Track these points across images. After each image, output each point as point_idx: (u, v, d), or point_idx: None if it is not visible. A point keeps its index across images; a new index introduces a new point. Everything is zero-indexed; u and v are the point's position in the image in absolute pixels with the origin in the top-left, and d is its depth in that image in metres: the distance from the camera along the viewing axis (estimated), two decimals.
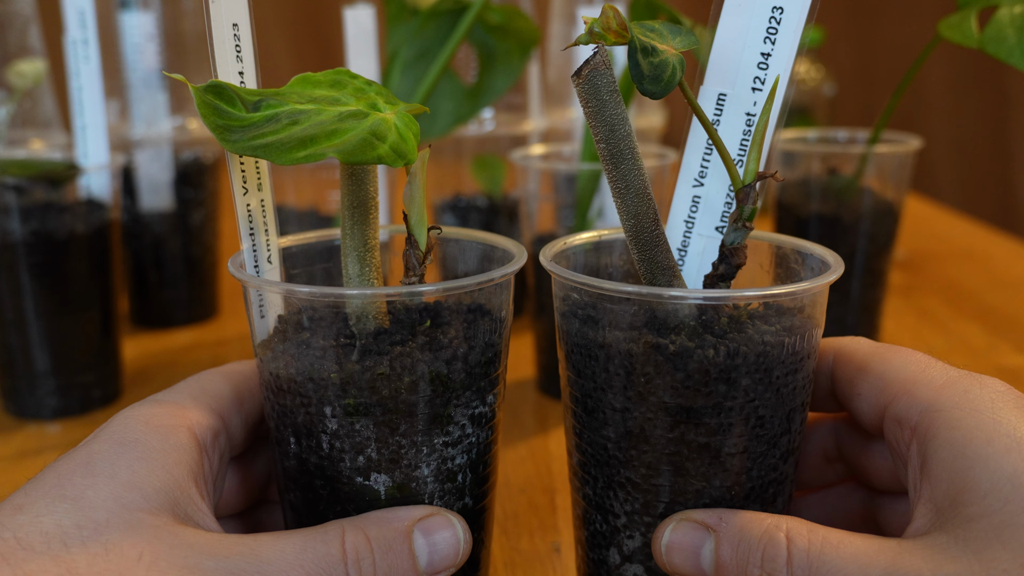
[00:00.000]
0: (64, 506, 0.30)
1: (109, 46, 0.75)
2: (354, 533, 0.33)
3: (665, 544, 0.34)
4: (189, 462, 0.33)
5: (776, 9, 0.36)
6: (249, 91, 0.33)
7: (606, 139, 0.34)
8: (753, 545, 0.32)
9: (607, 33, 0.32)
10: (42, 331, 0.61)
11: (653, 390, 0.34)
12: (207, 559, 0.30)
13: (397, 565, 0.33)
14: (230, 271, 0.36)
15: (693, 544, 0.34)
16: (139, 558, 0.29)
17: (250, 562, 0.30)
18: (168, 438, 0.33)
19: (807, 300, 0.35)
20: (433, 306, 0.37)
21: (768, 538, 0.32)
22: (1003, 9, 0.55)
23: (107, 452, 0.32)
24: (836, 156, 0.69)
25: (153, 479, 0.32)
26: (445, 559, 0.34)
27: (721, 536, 0.33)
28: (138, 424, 0.34)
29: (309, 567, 0.31)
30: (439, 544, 0.34)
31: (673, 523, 0.34)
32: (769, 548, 0.32)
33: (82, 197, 0.63)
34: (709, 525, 0.33)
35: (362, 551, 0.33)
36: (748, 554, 0.32)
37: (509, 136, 0.83)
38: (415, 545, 0.34)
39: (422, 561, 0.34)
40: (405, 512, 0.34)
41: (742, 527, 0.33)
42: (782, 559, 0.31)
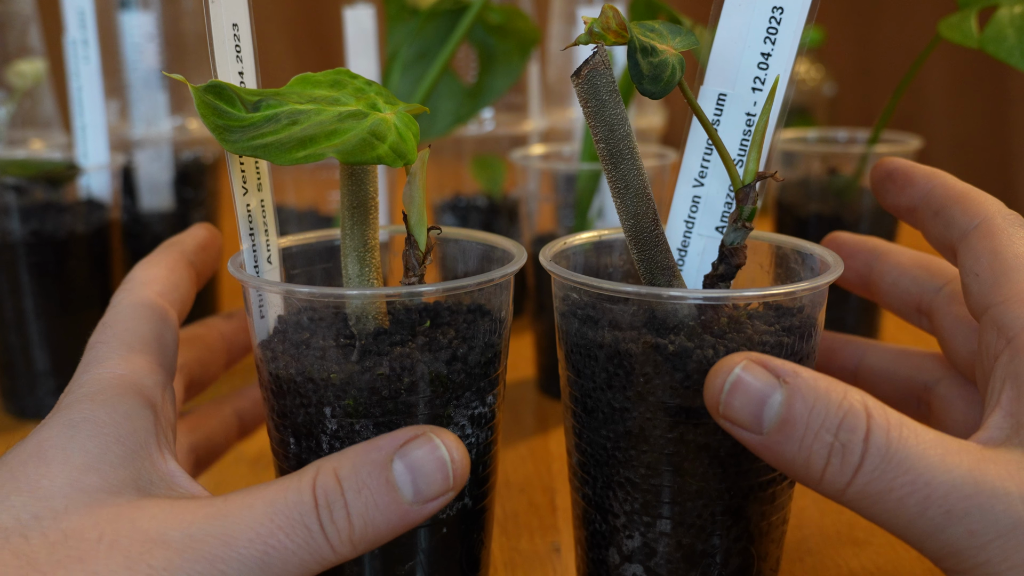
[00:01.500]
0: (20, 499, 0.30)
1: (109, 46, 0.75)
2: (325, 473, 0.30)
3: (731, 383, 0.30)
4: (144, 427, 0.32)
5: (776, 9, 0.36)
6: (249, 91, 0.33)
7: (605, 139, 0.34)
8: (831, 409, 0.29)
9: (607, 33, 0.32)
10: (42, 331, 0.61)
11: (652, 390, 0.34)
12: (171, 529, 0.29)
13: (375, 501, 0.30)
14: (230, 271, 0.36)
15: (761, 391, 0.30)
16: (99, 539, 0.29)
17: (215, 524, 0.29)
18: (117, 408, 0.32)
19: (806, 300, 0.35)
20: (433, 306, 0.37)
21: (848, 406, 0.29)
22: (1003, 9, 0.55)
23: (57, 437, 0.31)
24: (836, 156, 0.69)
25: (109, 455, 0.31)
26: (432, 484, 0.30)
27: (795, 390, 0.29)
28: (84, 403, 0.33)
29: (280, 520, 0.29)
30: (422, 468, 0.30)
31: (744, 363, 0.30)
32: (849, 417, 0.29)
33: (82, 197, 0.63)
34: (782, 376, 0.30)
35: (331, 492, 0.30)
36: (824, 416, 0.29)
37: (509, 136, 0.83)
38: (395, 475, 0.30)
39: (406, 492, 0.30)
40: (387, 440, 0.31)
41: (821, 387, 0.29)
42: (861, 431, 0.29)
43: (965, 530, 0.28)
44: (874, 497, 0.29)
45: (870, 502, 0.29)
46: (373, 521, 0.30)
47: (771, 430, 0.30)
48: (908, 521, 0.29)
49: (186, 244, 0.42)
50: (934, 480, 0.28)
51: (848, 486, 0.29)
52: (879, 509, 0.29)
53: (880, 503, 0.29)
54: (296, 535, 0.29)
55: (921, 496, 0.28)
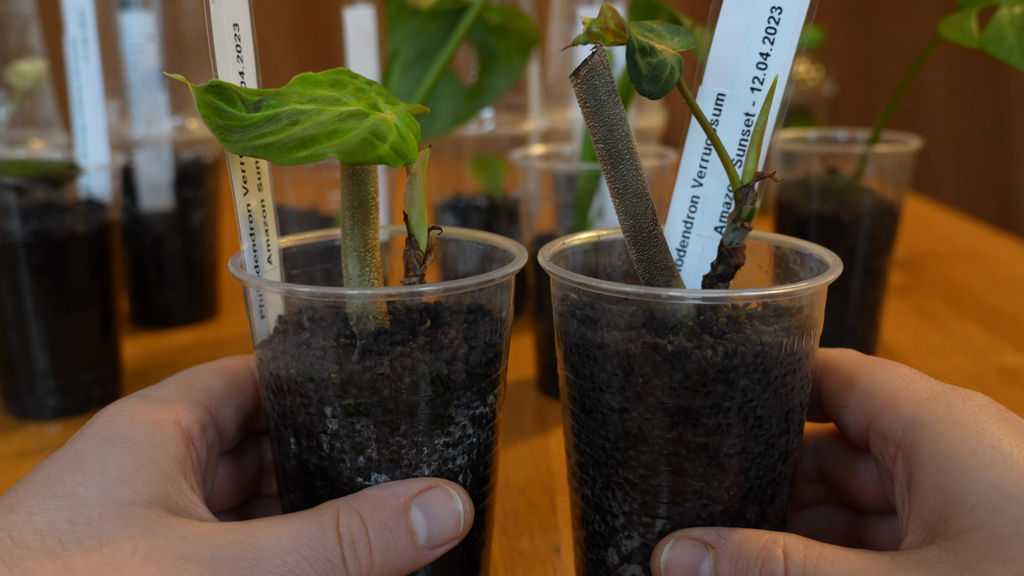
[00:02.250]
0: (56, 503, 0.30)
1: (109, 46, 0.75)
2: (348, 514, 0.32)
3: (664, 562, 0.34)
4: (177, 455, 0.33)
5: (775, 9, 0.36)
6: (249, 91, 0.33)
7: (604, 139, 0.34)
8: (751, 561, 0.32)
9: (605, 33, 0.32)
10: (42, 331, 0.61)
11: (651, 390, 0.34)
12: (202, 549, 0.30)
13: (394, 543, 0.33)
14: (230, 271, 0.36)
15: (692, 561, 0.34)
16: (134, 551, 0.29)
17: (245, 549, 0.30)
18: (155, 432, 0.33)
19: (805, 300, 0.36)
20: (433, 306, 0.37)
21: (766, 554, 0.32)
22: (1003, 9, 0.55)
23: (95, 449, 0.32)
24: (836, 156, 0.69)
25: (142, 473, 0.32)
26: (445, 532, 0.34)
27: (720, 553, 0.33)
28: (124, 420, 0.33)
29: (304, 551, 0.31)
30: (438, 517, 0.34)
31: (672, 541, 0.34)
32: (767, 564, 0.32)
33: (82, 197, 0.63)
34: (707, 542, 0.34)
35: (356, 531, 0.32)
36: (746, 570, 0.32)
37: (509, 136, 0.83)
38: (412, 521, 0.33)
39: (421, 537, 0.33)
40: (403, 487, 0.34)
41: (740, 544, 0.33)
42: (780, 572, 0.31)
43: None
44: None
45: None
46: (390, 561, 0.33)
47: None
48: None
49: None
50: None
51: None
52: None
53: None
54: (319, 567, 0.31)
55: None
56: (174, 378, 0.37)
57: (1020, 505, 0.30)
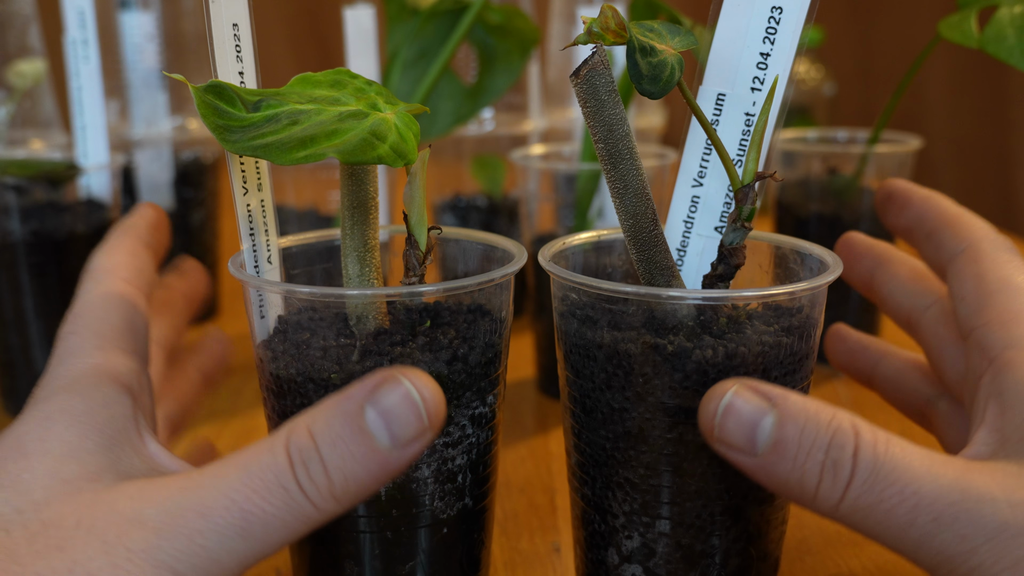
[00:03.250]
0: (2, 495, 0.30)
1: (109, 46, 0.75)
2: (297, 432, 0.29)
3: (724, 406, 0.31)
4: (122, 413, 0.33)
5: (775, 9, 0.36)
6: (249, 91, 0.33)
7: (604, 139, 0.34)
8: (821, 429, 0.30)
9: (606, 33, 0.32)
10: (42, 331, 0.61)
11: (651, 390, 0.34)
12: (147, 507, 0.29)
13: (351, 452, 0.29)
14: (230, 271, 0.36)
15: (753, 415, 0.31)
16: (77, 525, 0.29)
17: (190, 497, 0.29)
18: (93, 397, 0.33)
19: (806, 300, 0.36)
20: (433, 306, 0.37)
21: (837, 425, 0.30)
22: (1003, 9, 0.55)
23: (35, 430, 0.32)
24: (836, 156, 0.69)
25: (87, 443, 0.31)
26: (407, 426, 0.29)
27: (785, 413, 0.30)
28: (60, 394, 0.33)
29: (255, 483, 0.28)
30: (394, 411, 0.29)
31: (735, 388, 0.31)
32: (838, 436, 0.30)
33: (82, 197, 0.63)
34: (772, 400, 0.31)
35: (306, 450, 0.29)
36: (815, 437, 0.30)
37: (509, 136, 0.83)
38: (368, 423, 0.29)
39: (381, 439, 0.29)
40: (357, 388, 0.30)
41: (810, 409, 0.30)
42: (850, 448, 0.30)
43: (955, 535, 0.29)
44: (865, 511, 0.30)
45: (862, 516, 0.30)
46: (353, 473, 0.29)
47: (765, 452, 0.30)
48: (899, 531, 0.30)
49: (140, 227, 0.42)
50: (921, 489, 0.29)
51: (840, 501, 0.30)
52: (872, 522, 0.30)
53: (871, 516, 0.30)
54: (274, 498, 0.28)
55: (910, 505, 0.29)
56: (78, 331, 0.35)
57: None
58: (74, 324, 0.36)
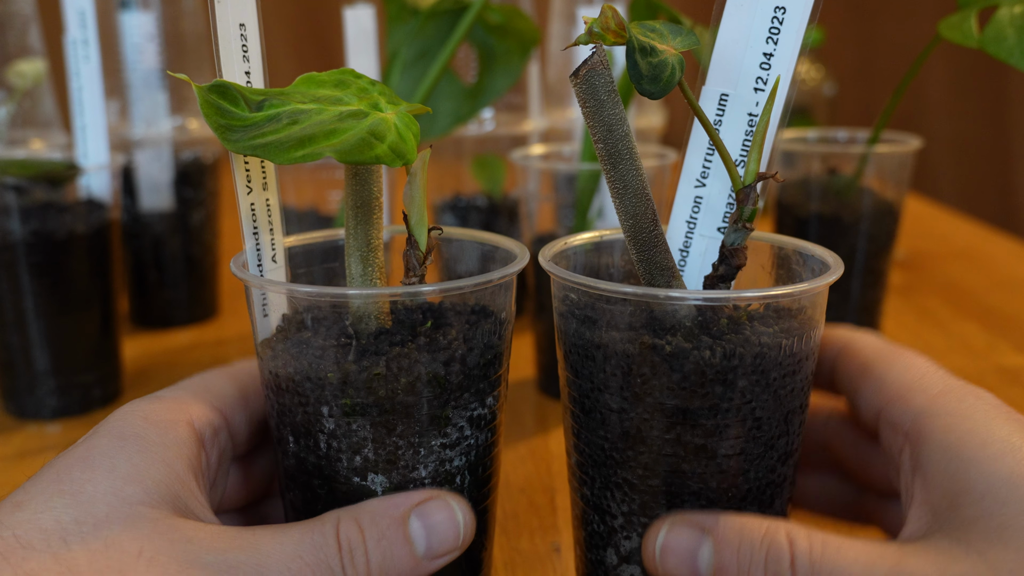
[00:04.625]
0: (62, 501, 0.30)
1: (109, 46, 0.75)
2: (347, 524, 0.33)
3: (660, 546, 0.33)
4: (188, 456, 0.33)
5: (779, 9, 0.36)
6: (253, 91, 0.33)
7: (604, 139, 0.34)
8: (755, 548, 0.31)
9: (606, 33, 0.32)
10: (42, 331, 0.61)
11: (650, 391, 0.34)
12: (206, 553, 0.30)
13: (392, 552, 0.33)
14: (232, 271, 0.36)
15: (689, 547, 0.33)
16: (139, 554, 0.29)
17: (249, 555, 0.30)
18: (167, 432, 0.33)
19: (806, 301, 0.35)
20: (434, 307, 0.37)
21: (771, 540, 0.31)
22: (1003, 9, 0.55)
23: (106, 447, 0.32)
24: (836, 156, 0.69)
25: (152, 472, 0.32)
26: (444, 542, 0.34)
27: (720, 539, 0.32)
28: (137, 419, 0.34)
29: (308, 558, 0.31)
30: (437, 528, 0.33)
31: (667, 525, 0.33)
32: (772, 550, 0.31)
33: (82, 197, 0.63)
34: (706, 527, 0.33)
35: (354, 540, 0.32)
36: (750, 557, 0.31)
37: (509, 136, 0.83)
38: (411, 531, 0.33)
39: (419, 547, 0.33)
40: (403, 498, 0.34)
41: (741, 529, 0.32)
42: (786, 562, 0.31)
43: None
44: None
45: None
46: (387, 570, 0.33)
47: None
48: None
49: None
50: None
51: None
52: None
53: None
54: (320, 574, 0.31)
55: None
56: (188, 380, 0.37)
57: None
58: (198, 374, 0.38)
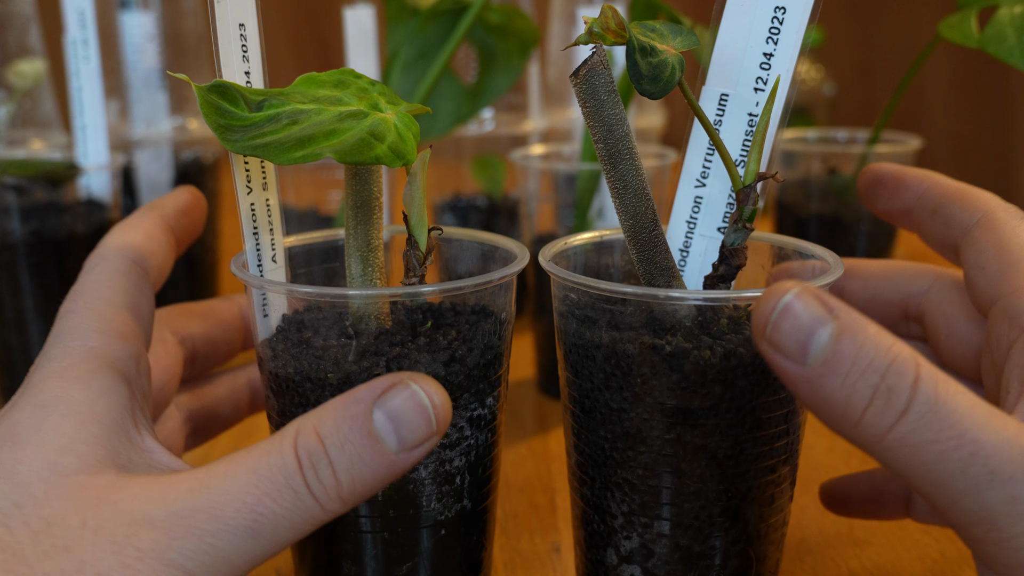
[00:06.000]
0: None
1: (109, 46, 0.75)
2: (305, 433, 0.29)
3: (781, 307, 0.28)
4: (119, 403, 0.32)
5: (779, 9, 0.36)
6: (253, 91, 0.33)
7: (604, 139, 0.34)
8: (881, 351, 0.27)
9: (606, 33, 0.32)
10: (42, 331, 0.61)
11: (649, 391, 0.34)
12: (155, 507, 0.28)
13: (359, 455, 0.29)
14: (232, 271, 0.36)
15: (813, 321, 0.28)
16: (83, 525, 0.28)
17: (200, 498, 0.28)
18: (90, 385, 0.32)
19: None
20: (434, 307, 0.37)
21: (898, 352, 0.28)
22: (1003, 9, 0.55)
23: (30, 419, 0.31)
24: (836, 156, 0.69)
25: (84, 435, 0.30)
26: (416, 431, 0.29)
27: (847, 327, 0.28)
28: (55, 380, 0.32)
29: (265, 485, 0.28)
30: (403, 416, 0.29)
31: (797, 289, 0.28)
32: (898, 362, 0.27)
33: (82, 197, 0.63)
34: (834, 312, 0.28)
35: (315, 451, 0.29)
36: (873, 357, 0.27)
37: (509, 136, 0.83)
38: (376, 426, 0.29)
39: (389, 442, 0.29)
40: (365, 391, 0.30)
41: (873, 330, 0.28)
42: (909, 377, 0.27)
43: (1007, 495, 0.27)
44: (915, 447, 0.27)
45: (910, 451, 0.27)
46: (360, 475, 0.29)
47: (815, 362, 0.28)
48: (947, 476, 0.27)
49: (166, 208, 0.40)
50: (981, 438, 0.27)
51: (889, 431, 0.27)
52: (918, 460, 0.27)
53: (919, 454, 0.27)
54: (283, 499, 0.29)
55: (966, 452, 0.27)
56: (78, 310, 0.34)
57: None
58: (74, 302, 0.35)
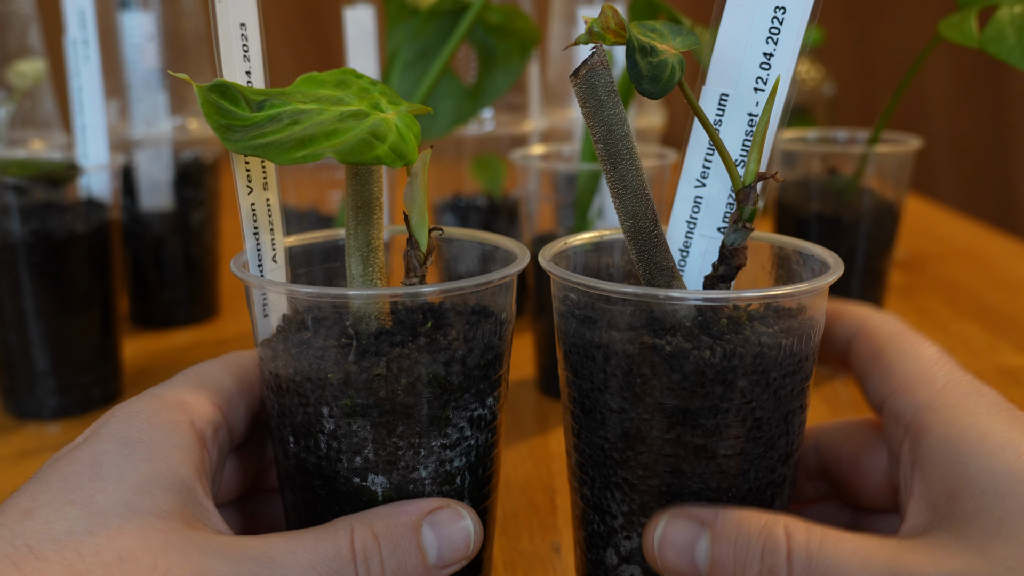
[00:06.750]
0: (74, 511, 0.29)
1: (109, 46, 0.75)
2: (362, 530, 0.33)
3: (658, 539, 0.33)
4: (193, 460, 0.33)
5: (779, 9, 0.36)
6: (254, 90, 0.33)
7: (604, 139, 0.34)
8: (752, 541, 0.31)
9: (606, 33, 0.32)
10: (42, 331, 0.61)
11: (649, 391, 0.34)
12: (220, 563, 0.30)
13: (406, 561, 0.33)
14: (232, 271, 0.36)
15: (687, 540, 0.33)
16: (154, 567, 0.29)
17: (263, 564, 0.30)
18: (172, 436, 0.33)
19: (806, 301, 0.35)
20: (434, 307, 0.37)
21: (767, 534, 0.31)
22: (1003, 9, 0.55)
23: (112, 453, 0.32)
24: (836, 156, 0.69)
25: (161, 482, 0.31)
26: (456, 551, 0.34)
27: (717, 532, 0.32)
28: (141, 422, 0.33)
29: (320, 568, 0.31)
30: (449, 537, 0.34)
31: (666, 518, 0.33)
32: (769, 543, 0.31)
33: (82, 197, 0.63)
34: (704, 521, 0.33)
35: (370, 548, 0.32)
36: (747, 551, 0.31)
37: (509, 136, 0.83)
38: (424, 539, 0.33)
39: (431, 555, 0.33)
40: (414, 506, 0.34)
41: (739, 523, 0.32)
42: (782, 555, 0.31)
43: None
44: None
45: None
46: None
47: (706, 571, 0.32)
48: None
49: None
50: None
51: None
52: None
53: None
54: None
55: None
56: (185, 375, 0.37)
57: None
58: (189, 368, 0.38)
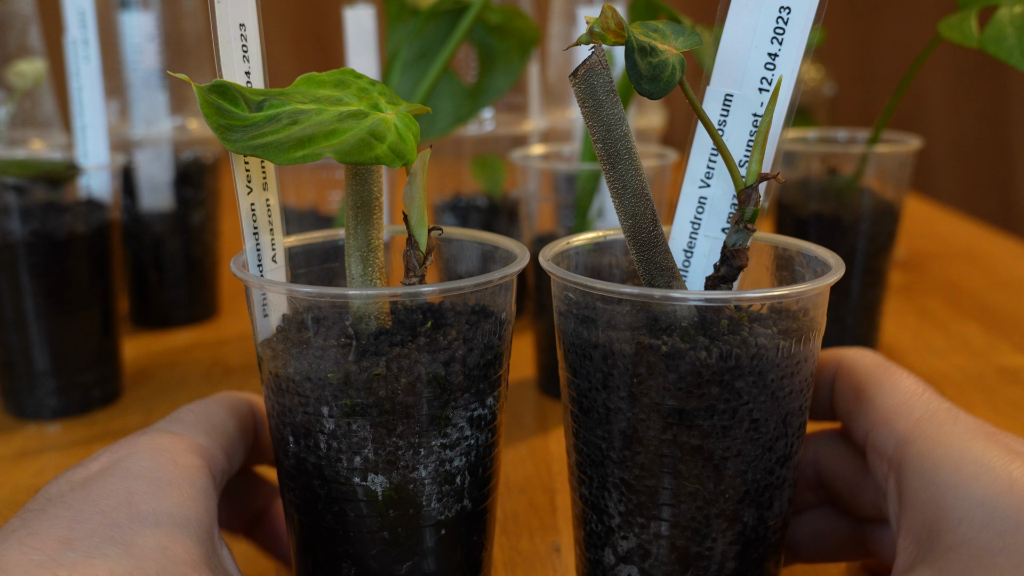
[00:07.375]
0: (115, 551, 0.30)
1: (109, 46, 0.75)
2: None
3: None
4: (211, 507, 0.34)
5: (783, 9, 0.36)
6: (253, 91, 0.33)
7: (603, 139, 0.34)
8: None
9: (607, 33, 0.32)
10: (42, 331, 0.61)
11: (646, 391, 0.34)
12: None
13: None
14: (232, 271, 0.36)
15: None
16: None
17: None
18: (196, 481, 0.33)
19: (807, 302, 0.35)
20: (434, 307, 0.37)
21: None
22: (1003, 9, 0.55)
23: (146, 493, 0.32)
24: (836, 156, 0.69)
25: (190, 530, 0.32)
26: None
27: None
28: (168, 462, 0.34)
29: None
30: None
31: None
32: None
33: (82, 197, 0.63)
34: None
35: None
36: None
37: (509, 136, 0.83)
38: None
39: None
40: None
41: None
42: None
43: None
44: None
45: None
46: None
47: None
48: None
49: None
50: None
51: None
52: None
53: None
54: None
55: None
56: (194, 414, 0.37)
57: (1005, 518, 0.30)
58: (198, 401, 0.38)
